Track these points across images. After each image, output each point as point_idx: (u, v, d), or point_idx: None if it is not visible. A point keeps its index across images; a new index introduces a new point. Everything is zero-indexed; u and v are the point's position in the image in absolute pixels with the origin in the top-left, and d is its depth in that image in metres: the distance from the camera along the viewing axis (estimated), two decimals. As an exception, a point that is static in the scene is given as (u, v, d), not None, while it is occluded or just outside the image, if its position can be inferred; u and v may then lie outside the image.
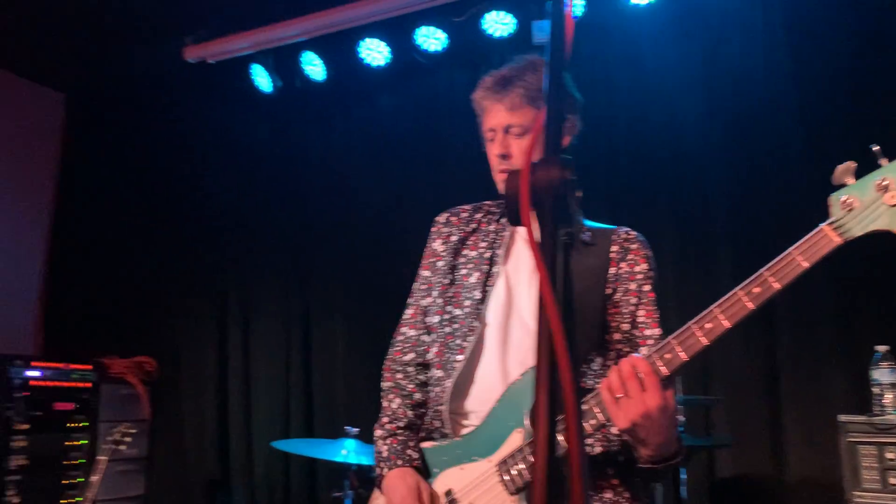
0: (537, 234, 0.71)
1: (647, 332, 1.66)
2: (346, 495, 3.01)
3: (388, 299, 3.88)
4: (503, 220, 1.81)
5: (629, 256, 1.71)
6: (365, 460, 3.01)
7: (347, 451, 3.01)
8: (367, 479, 3.12)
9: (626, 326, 1.67)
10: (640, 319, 1.67)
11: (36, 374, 4.02)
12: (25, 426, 3.91)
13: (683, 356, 1.37)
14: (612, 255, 1.70)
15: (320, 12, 3.90)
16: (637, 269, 1.70)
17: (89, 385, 4.27)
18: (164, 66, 4.52)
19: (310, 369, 4.16)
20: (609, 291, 1.67)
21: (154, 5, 4.07)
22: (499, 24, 3.81)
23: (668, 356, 1.39)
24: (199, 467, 4.35)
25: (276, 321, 4.30)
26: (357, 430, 3.15)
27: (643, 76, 3.61)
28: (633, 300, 1.68)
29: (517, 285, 1.72)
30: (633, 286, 1.69)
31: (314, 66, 4.19)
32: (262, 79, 4.31)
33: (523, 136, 1.69)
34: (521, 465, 1.51)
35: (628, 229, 1.78)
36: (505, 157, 1.69)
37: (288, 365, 4.20)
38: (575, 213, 0.78)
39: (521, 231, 1.78)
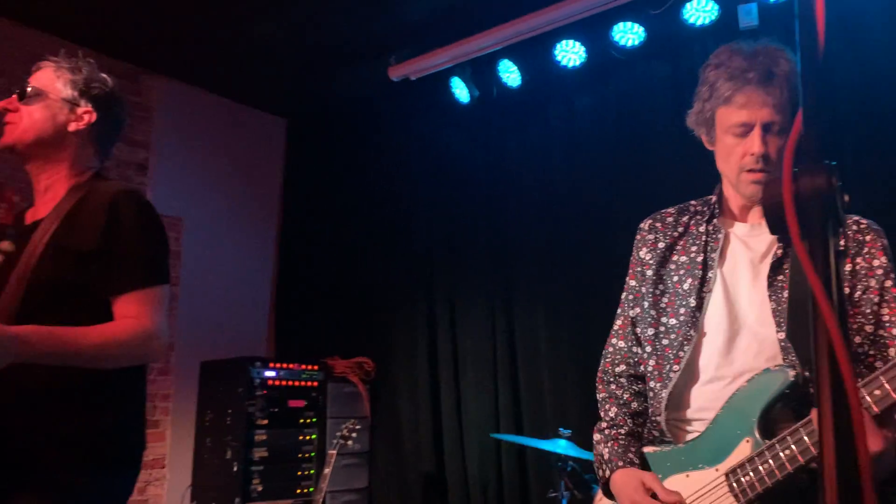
0: (800, 245, 0.69)
1: (895, 332, 1.53)
2: (561, 495, 3.03)
3: (591, 302, 3.90)
4: (715, 221, 1.71)
5: (864, 250, 1.57)
6: (581, 455, 3.02)
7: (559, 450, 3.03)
8: (580, 480, 3.13)
9: (869, 328, 1.53)
10: (884, 319, 1.53)
11: (272, 374, 4.42)
12: (265, 422, 4.32)
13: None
14: (841, 249, 1.57)
15: (516, 19, 3.96)
16: (875, 263, 1.56)
17: (316, 384, 4.61)
18: (371, 86, 4.81)
19: (516, 370, 4.22)
20: (847, 291, 1.54)
21: (360, 29, 4.35)
22: (700, 11, 3.65)
23: (877, 393, 1.28)
24: (416, 462, 4.55)
25: (482, 324, 4.40)
26: (570, 431, 3.16)
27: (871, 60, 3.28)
28: (875, 298, 1.54)
29: (736, 288, 1.63)
30: (873, 283, 1.54)
31: (510, 73, 4.26)
32: (460, 90, 4.45)
33: (780, 135, 1.57)
34: (752, 475, 1.45)
35: (858, 218, 1.62)
36: (766, 157, 1.57)
37: (495, 366, 4.29)
38: (844, 220, 0.74)
39: (737, 231, 1.69)
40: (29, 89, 1.83)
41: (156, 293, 1.73)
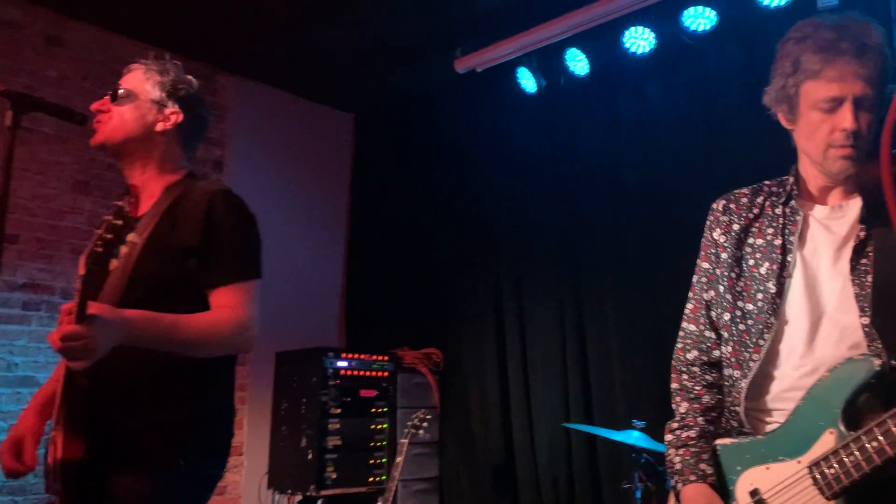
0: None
1: None
2: (635, 487, 3.01)
3: (663, 290, 3.84)
4: (793, 203, 1.65)
5: None
6: (655, 447, 2.99)
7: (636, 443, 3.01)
8: (654, 472, 3.10)
9: None
10: None
11: (344, 364, 4.50)
12: (338, 411, 4.40)
13: None
14: None
15: (584, 7, 3.92)
16: None
17: (387, 374, 4.68)
18: (437, 79, 4.84)
19: (586, 360, 4.18)
20: None
21: (426, 23, 4.38)
22: (776, -9, 3.55)
23: None
24: (486, 453, 4.57)
25: (550, 313, 4.38)
26: (643, 423, 3.13)
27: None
28: None
29: (817, 273, 1.58)
30: None
31: (578, 62, 4.22)
32: (527, 80, 4.44)
33: (870, 111, 1.51)
34: (837, 468, 1.42)
35: None
36: (857, 133, 1.50)
37: (564, 356, 4.27)
38: None
39: (817, 213, 1.63)
40: (120, 91, 1.92)
41: (250, 287, 1.83)
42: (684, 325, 1.80)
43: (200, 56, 4.78)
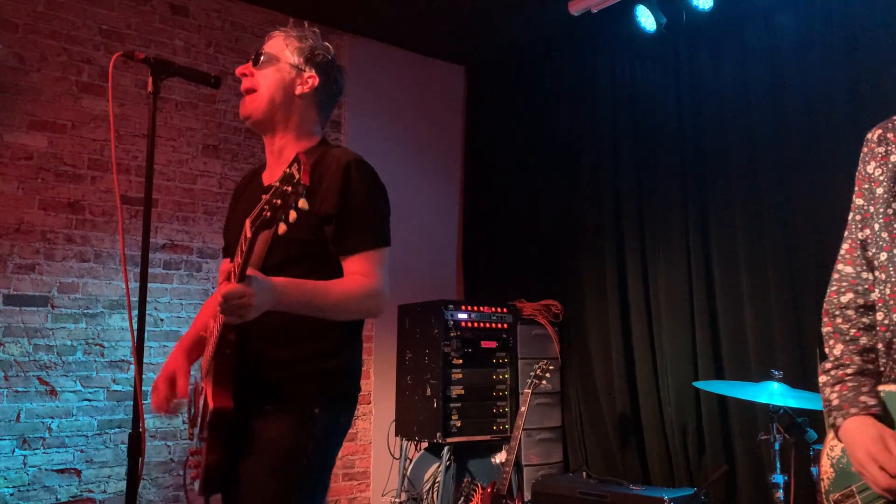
0: None
1: None
2: (774, 438, 2.90)
3: (797, 232, 3.65)
4: None
5: None
6: (792, 403, 2.87)
7: (773, 394, 2.89)
8: (792, 423, 2.97)
9: None
10: None
11: (464, 316, 4.57)
12: (459, 361, 4.49)
13: None
14: None
15: (708, -64, 3.69)
16: None
17: (506, 326, 4.72)
18: (550, 23, 4.71)
19: (714, 307, 4.04)
20: None
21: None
22: None
23: None
24: (610, 404, 4.53)
25: (676, 261, 4.24)
26: (781, 373, 3.00)
27: None
28: None
29: None
30: None
31: (702, -5, 4.00)
32: (646, 18, 4.24)
33: None
34: None
35: None
36: None
37: (691, 304, 4.13)
38: None
39: None
40: (263, 55, 1.98)
41: (381, 254, 1.88)
42: (839, 266, 1.69)
43: (315, 17, 4.84)
